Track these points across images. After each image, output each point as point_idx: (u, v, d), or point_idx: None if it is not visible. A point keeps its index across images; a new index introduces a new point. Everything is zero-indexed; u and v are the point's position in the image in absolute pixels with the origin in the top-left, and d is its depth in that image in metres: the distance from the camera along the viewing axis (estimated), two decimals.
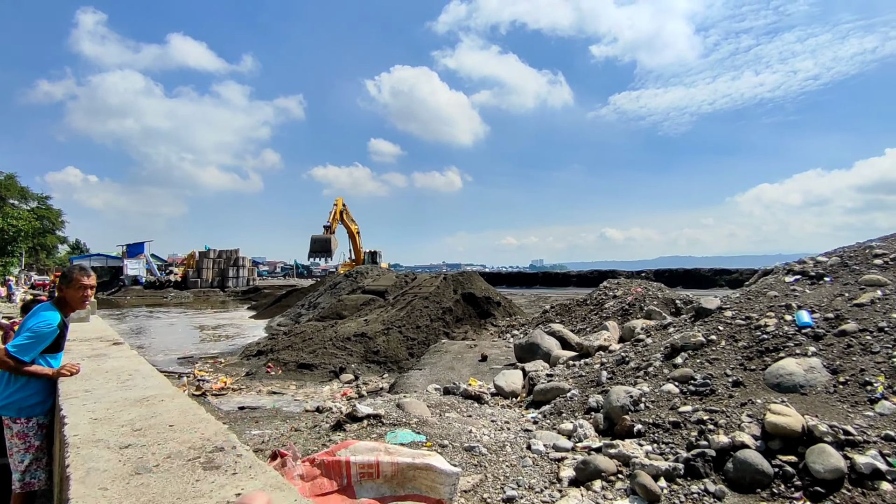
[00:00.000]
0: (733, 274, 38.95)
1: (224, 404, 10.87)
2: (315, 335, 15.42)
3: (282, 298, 34.53)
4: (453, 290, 16.90)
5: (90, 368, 3.92)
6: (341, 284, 25.57)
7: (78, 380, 3.57)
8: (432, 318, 15.28)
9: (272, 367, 13.56)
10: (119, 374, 3.72)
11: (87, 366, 4.04)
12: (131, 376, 3.67)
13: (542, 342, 9.14)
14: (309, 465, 2.35)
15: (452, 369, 10.09)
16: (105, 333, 6.23)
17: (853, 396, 3.08)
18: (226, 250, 60.00)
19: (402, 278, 22.28)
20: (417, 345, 14.25)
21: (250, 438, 4.99)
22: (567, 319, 13.10)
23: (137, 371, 3.83)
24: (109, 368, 3.94)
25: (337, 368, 13.23)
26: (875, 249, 4.70)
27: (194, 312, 38.71)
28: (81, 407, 2.90)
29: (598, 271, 50.09)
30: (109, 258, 61.81)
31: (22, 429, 3.58)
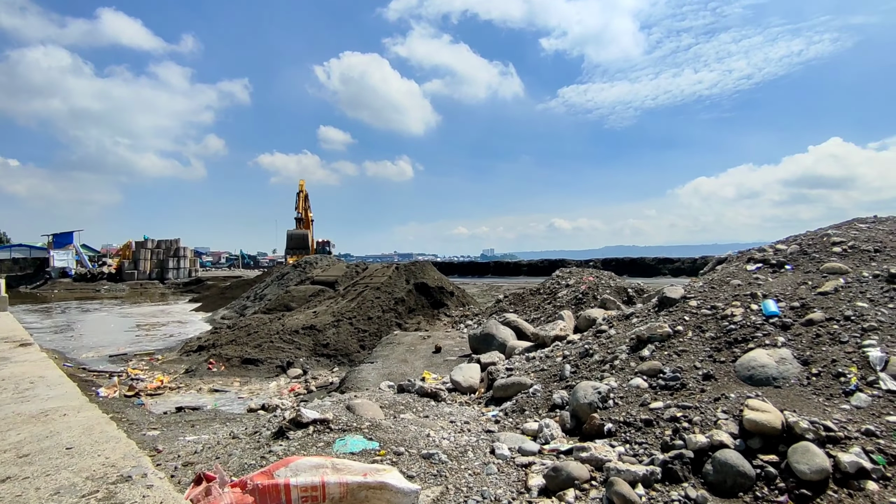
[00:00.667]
0: (675, 263, 40.54)
1: (159, 405, 10.12)
2: (261, 328, 14.71)
3: (226, 290, 33.09)
4: (405, 280, 16.53)
5: None
6: (289, 275, 24.64)
7: None
8: (384, 309, 14.88)
9: (214, 363, 12.81)
10: (18, 383, 3.19)
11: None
12: (33, 384, 3.15)
13: (497, 333, 8.97)
14: (240, 492, 1.99)
15: (405, 362, 9.77)
16: (13, 333, 5.52)
17: (828, 389, 3.00)
18: (165, 240, 56.94)
19: (352, 268, 21.68)
20: (369, 336, 13.84)
21: (183, 446, 4.50)
22: (521, 309, 13.03)
23: (42, 378, 3.30)
24: (7, 375, 3.38)
25: (284, 363, 12.65)
26: (833, 237, 4.75)
27: (130, 306, 36.56)
28: None
29: (548, 260, 50.92)
30: (34, 249, 57.35)
31: None
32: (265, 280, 27.71)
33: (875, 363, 3.15)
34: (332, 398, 4.58)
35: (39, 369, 3.52)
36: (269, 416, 4.32)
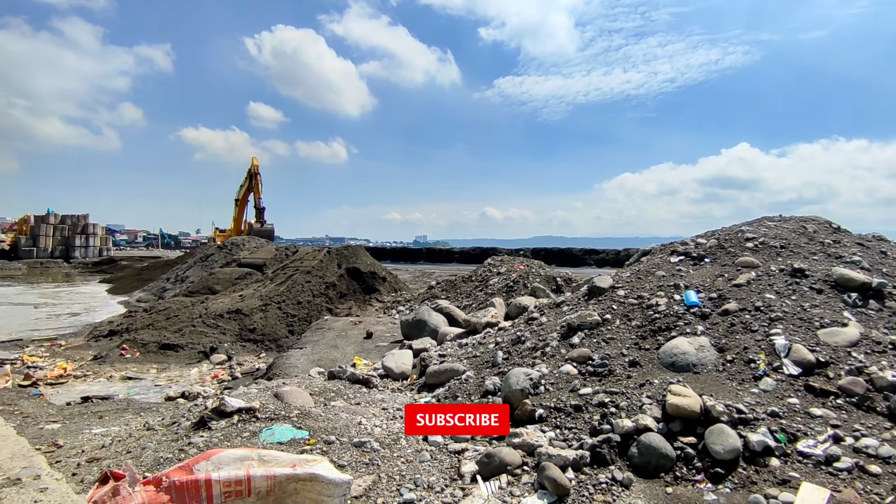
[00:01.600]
0: (601, 254, 42.50)
1: (62, 395, 9.32)
2: (182, 312, 13.89)
3: (143, 272, 30.93)
4: (337, 264, 16.18)
5: None
6: (214, 257, 23.41)
7: None
8: (314, 294, 14.49)
9: (128, 348, 11.96)
10: None
11: None
12: None
13: (429, 319, 8.96)
14: (153, 490, 1.81)
15: (336, 348, 9.57)
16: None
17: (740, 374, 3.23)
18: (72, 215, 52.21)
19: (282, 251, 20.91)
20: (298, 322, 13.45)
21: (89, 440, 4.13)
22: (453, 295, 13.13)
23: None
24: None
25: (207, 348, 12.04)
26: (746, 233, 5.11)
27: (28, 287, 33.31)
28: None
29: (480, 248, 51.72)
30: None
31: None
32: (187, 261, 26.18)
33: (780, 350, 3.43)
34: (259, 385, 4.36)
35: None
36: (190, 405, 4.03)
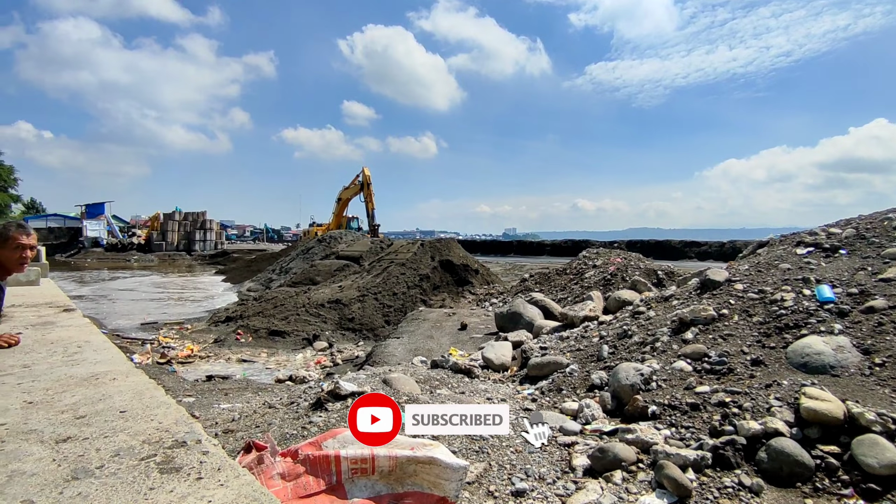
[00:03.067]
0: (702, 246, 39.67)
1: (190, 373, 10.40)
2: (287, 301, 14.92)
3: (252, 263, 33.62)
4: (430, 256, 16.52)
5: (33, 339, 3.43)
6: (314, 249, 24.88)
7: (17, 352, 3.08)
8: (409, 285, 14.93)
9: (242, 333, 13.07)
10: (66, 347, 3.24)
11: (29, 336, 3.54)
12: (80, 349, 3.20)
13: (524, 311, 8.90)
14: (291, 461, 1.98)
15: (431, 338, 9.81)
16: (56, 298, 5.65)
17: (893, 380, 2.86)
18: (192, 213, 57.98)
19: (377, 244, 21.75)
20: (394, 312, 13.93)
21: (219, 413, 4.57)
22: (546, 288, 12.93)
23: (88, 343, 3.35)
24: (56, 339, 3.45)
25: (310, 336, 12.83)
26: (895, 221, 4.50)
27: (159, 277, 37.49)
28: (16, 387, 2.43)
29: (572, 241, 50.40)
30: (68, 219, 59.06)
31: None
32: (290, 254, 28.06)
33: None
34: (367, 371, 4.58)
35: (84, 334, 3.57)
36: (304, 387, 4.32)
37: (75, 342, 3.35)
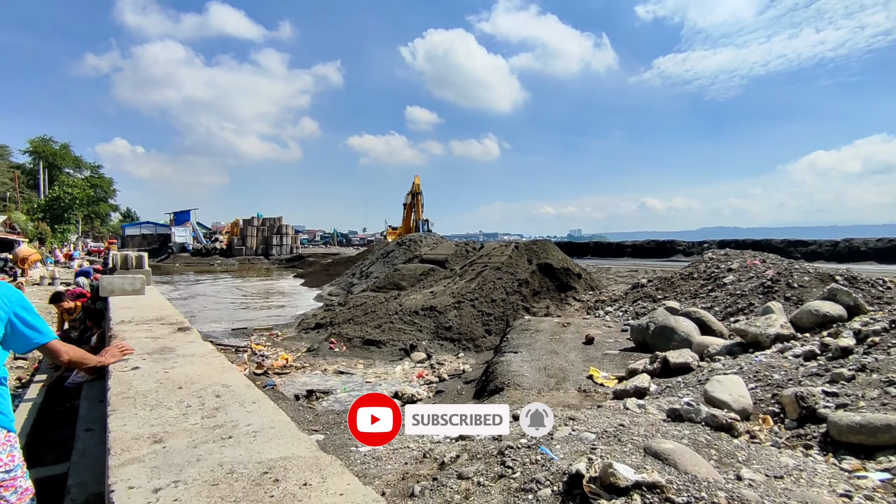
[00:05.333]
0: (810, 246, 35.64)
1: (288, 385, 9.70)
2: (378, 308, 14.10)
3: (330, 267, 33.68)
4: (528, 260, 15.21)
5: (155, 380, 2.51)
6: (394, 253, 24.23)
7: (141, 405, 2.14)
8: (508, 291, 13.70)
9: (335, 342, 12.35)
10: (201, 397, 2.28)
11: (149, 374, 2.65)
12: (220, 399, 2.22)
13: (677, 325, 7.41)
14: None
15: (555, 353, 8.51)
16: (165, 312, 4.90)
17: None
18: (269, 218, 59.88)
19: (462, 247, 20.72)
20: (494, 320, 12.74)
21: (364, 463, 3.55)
22: (672, 295, 11.28)
23: (228, 389, 2.38)
24: (183, 380, 2.51)
25: (407, 346, 11.88)
26: None
27: (240, 280, 38.52)
28: (146, 485, 1.44)
29: (655, 241, 47.27)
30: (158, 226, 62.76)
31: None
32: (369, 258, 27.64)
33: None
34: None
35: (216, 370, 2.56)
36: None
37: (210, 387, 2.37)
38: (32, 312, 2.34)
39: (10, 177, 47.05)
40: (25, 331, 2.29)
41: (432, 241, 24.83)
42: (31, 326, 2.30)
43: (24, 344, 2.31)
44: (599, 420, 3.16)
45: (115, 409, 2.08)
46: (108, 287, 6.42)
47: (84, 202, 47.14)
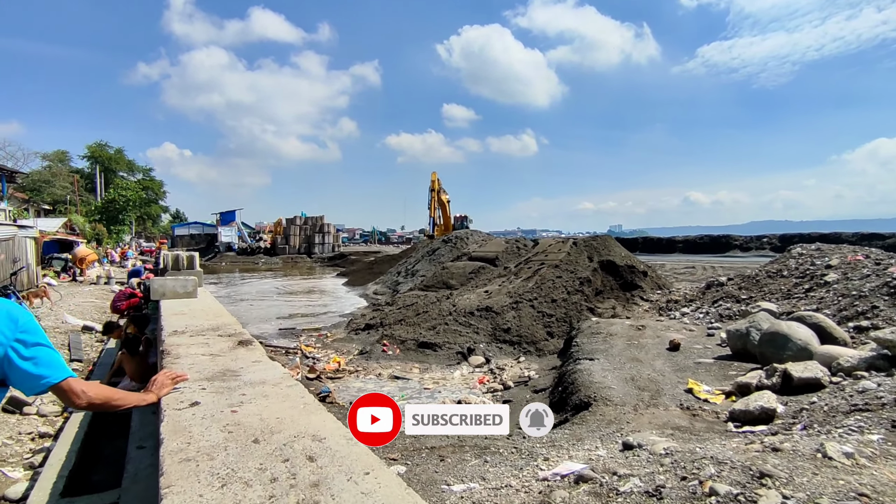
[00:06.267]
0: (887, 239, 32.91)
1: (342, 391, 9.14)
2: (430, 308, 13.45)
3: (373, 265, 33.38)
4: (588, 257, 14.24)
5: (221, 426, 1.86)
6: (440, 251, 23.58)
7: (203, 478, 1.49)
8: (569, 291, 12.79)
9: (388, 345, 11.77)
10: (288, 458, 1.60)
11: (211, 411, 2.03)
12: (317, 466, 1.52)
13: (791, 332, 6.37)
14: None
15: (638, 361, 7.61)
16: (221, 320, 4.34)
17: None
18: (311, 217, 60.47)
19: (512, 244, 19.87)
20: (556, 322, 11.87)
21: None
22: (758, 295, 10.14)
23: (322, 443, 1.70)
24: (258, 426, 1.85)
25: (464, 349, 11.17)
26: None
27: (285, 279, 38.80)
28: None
29: (708, 236, 45.01)
30: (205, 226, 64.43)
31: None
32: (413, 256, 27.11)
33: None
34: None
35: (297, 409, 1.89)
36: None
37: (298, 441, 1.69)
38: (37, 341, 1.74)
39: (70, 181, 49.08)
40: (28, 367, 1.70)
41: (480, 238, 24.04)
42: (34, 361, 1.71)
43: (29, 384, 1.72)
44: (811, 479, 2.31)
45: (170, 483, 1.42)
46: (160, 290, 5.96)
47: (137, 204, 48.75)
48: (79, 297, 16.47)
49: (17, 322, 1.71)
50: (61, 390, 1.77)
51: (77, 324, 12.06)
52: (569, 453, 4.09)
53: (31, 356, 1.72)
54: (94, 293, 17.91)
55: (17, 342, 1.69)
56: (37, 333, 1.77)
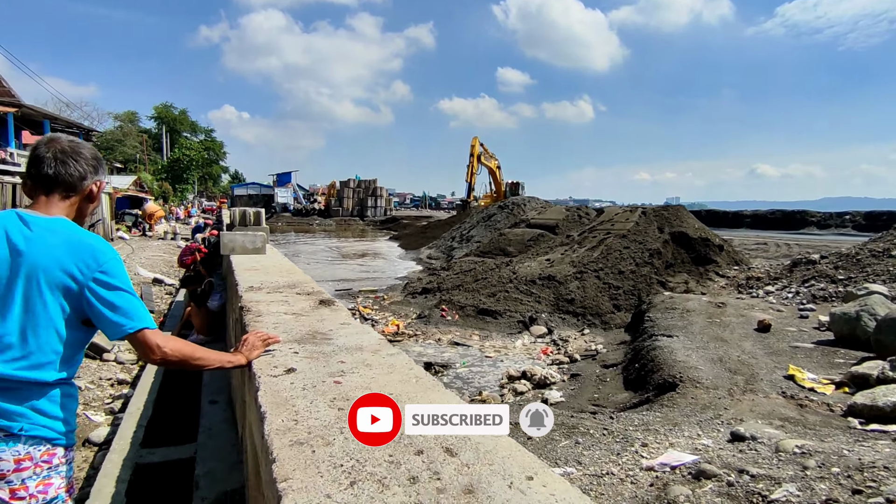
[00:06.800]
0: None
1: None
2: (489, 275, 13.09)
3: (426, 230, 33.28)
4: (657, 227, 13.40)
5: (327, 400, 1.54)
6: (496, 217, 23.05)
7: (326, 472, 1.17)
8: (637, 263, 12.09)
9: (447, 310, 11.55)
10: (422, 449, 1.31)
11: (310, 379, 1.74)
12: (461, 463, 1.18)
13: None
14: None
15: (723, 341, 7.00)
16: (295, 277, 4.12)
17: None
18: (364, 180, 60.90)
19: (573, 212, 19.10)
20: (623, 295, 11.27)
21: None
22: (859, 276, 9.15)
23: (469, 445, 1.40)
24: (358, 393, 1.57)
25: (526, 318, 10.80)
26: None
27: (338, 240, 39.42)
28: None
29: (780, 211, 42.09)
30: (263, 187, 66.20)
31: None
32: (467, 221, 26.71)
33: None
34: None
35: (409, 382, 1.54)
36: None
37: (445, 441, 1.35)
38: (119, 285, 1.54)
39: (139, 140, 51.35)
40: (105, 312, 1.51)
41: (538, 205, 23.31)
42: (112, 306, 1.52)
43: (106, 330, 1.54)
44: None
45: (286, 476, 1.12)
46: (229, 244, 5.86)
47: (200, 164, 50.51)
48: (148, 251, 17.15)
49: (99, 260, 1.49)
50: (137, 341, 1.55)
51: (148, 276, 12.49)
52: (668, 440, 3.68)
53: (110, 300, 1.51)
54: (161, 248, 18.63)
55: (96, 282, 1.50)
56: (119, 277, 1.54)
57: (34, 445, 1.49)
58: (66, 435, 1.60)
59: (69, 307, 1.51)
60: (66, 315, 1.51)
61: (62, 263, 1.48)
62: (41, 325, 1.47)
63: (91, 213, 1.77)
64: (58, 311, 1.49)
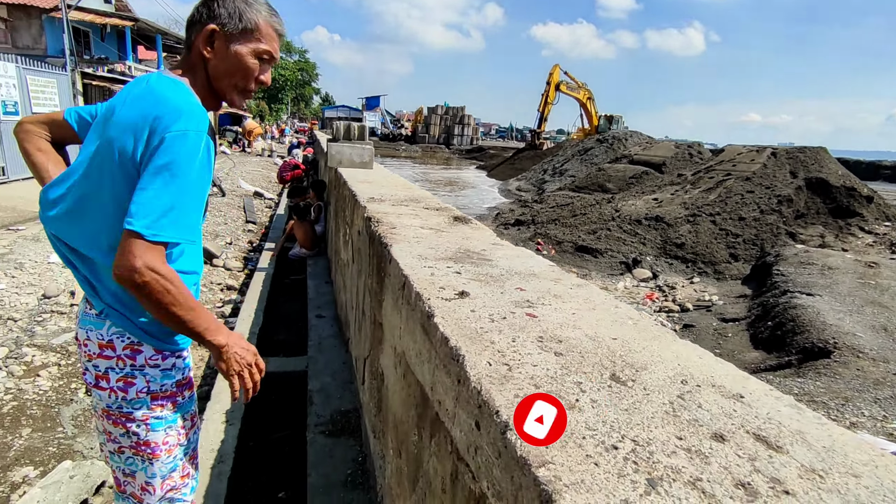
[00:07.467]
0: None
1: None
2: (589, 211, 12.27)
3: (514, 161, 32.17)
4: (790, 171, 11.76)
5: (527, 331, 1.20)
6: (593, 150, 21.60)
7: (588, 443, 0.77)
8: (762, 210, 10.75)
9: (542, 243, 11.02)
10: (700, 416, 0.86)
11: (494, 306, 1.37)
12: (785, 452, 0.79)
13: None
14: None
15: (883, 307, 5.99)
16: (414, 192, 3.77)
17: None
18: (452, 108, 59.56)
19: (683, 149, 17.35)
20: (743, 244, 10.13)
21: None
22: None
23: (742, 401, 0.97)
24: (583, 342, 1.16)
25: (629, 259, 10.05)
26: None
27: (423, 167, 39.25)
28: None
29: None
30: (352, 110, 66.78)
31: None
32: (559, 154, 25.34)
33: None
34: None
35: (620, 323, 0.99)
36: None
37: (700, 392, 0.94)
38: (165, 162, 1.13)
39: None
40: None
41: (642, 140, 21.45)
42: (139, 186, 1.13)
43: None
44: None
45: (542, 459, 0.74)
46: (337, 157, 5.61)
47: (294, 84, 51.40)
48: (248, 166, 17.77)
49: (172, 116, 1.15)
50: (122, 241, 1.11)
51: (249, 189, 12.90)
52: (845, 419, 3.07)
53: (143, 182, 1.13)
54: (260, 164, 19.26)
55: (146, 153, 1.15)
56: (169, 153, 1.13)
57: (117, 336, 1.30)
58: (156, 335, 1.32)
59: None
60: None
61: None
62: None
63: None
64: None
